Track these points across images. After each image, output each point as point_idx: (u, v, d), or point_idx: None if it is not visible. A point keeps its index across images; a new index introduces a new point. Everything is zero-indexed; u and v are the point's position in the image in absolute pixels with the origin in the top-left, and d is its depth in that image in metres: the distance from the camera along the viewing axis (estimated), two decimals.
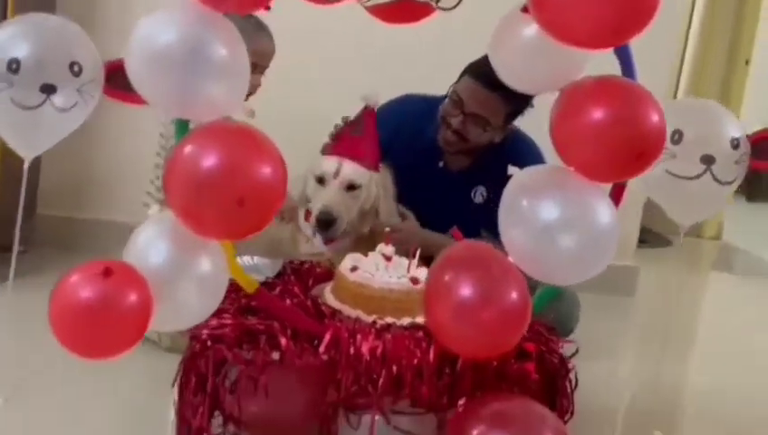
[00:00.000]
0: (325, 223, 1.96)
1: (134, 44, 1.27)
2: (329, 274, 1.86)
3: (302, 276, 1.84)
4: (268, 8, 1.39)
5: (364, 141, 2.04)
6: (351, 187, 2.01)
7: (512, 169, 1.48)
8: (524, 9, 1.38)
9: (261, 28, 2.08)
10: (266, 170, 1.25)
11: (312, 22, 2.31)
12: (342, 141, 2.05)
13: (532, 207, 1.40)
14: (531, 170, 1.49)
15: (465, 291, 1.36)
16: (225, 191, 1.22)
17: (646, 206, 4.62)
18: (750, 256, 4.55)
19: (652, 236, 4.52)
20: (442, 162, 2.33)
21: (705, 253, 4.66)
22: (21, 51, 1.40)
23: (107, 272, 1.23)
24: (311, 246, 2.13)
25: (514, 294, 1.37)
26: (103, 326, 1.23)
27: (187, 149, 1.24)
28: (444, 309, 1.39)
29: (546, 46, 1.40)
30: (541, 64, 1.46)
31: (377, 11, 1.37)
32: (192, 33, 1.24)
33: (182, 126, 1.35)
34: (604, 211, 1.40)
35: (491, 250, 1.44)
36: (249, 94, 2.06)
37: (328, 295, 1.74)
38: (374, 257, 1.76)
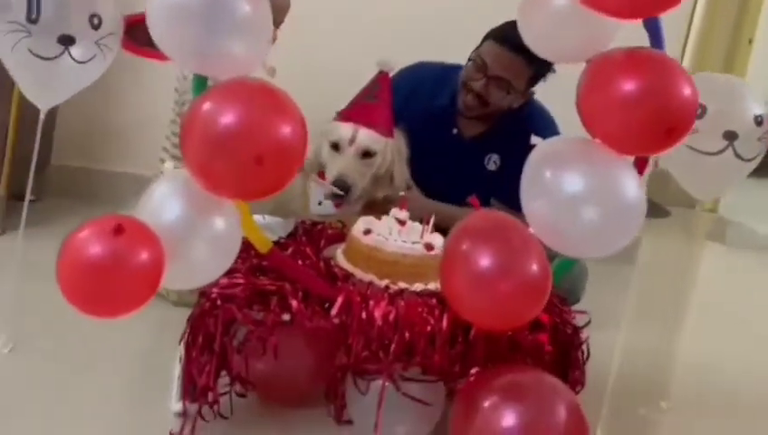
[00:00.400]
0: (340, 188, 1.92)
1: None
2: (340, 235, 1.83)
3: (313, 237, 1.82)
4: None
5: (379, 107, 2.00)
6: (367, 154, 1.98)
7: (535, 139, 1.45)
8: None
9: None
10: (286, 129, 1.21)
11: None
12: (357, 107, 2.01)
13: (556, 178, 1.37)
14: (555, 141, 1.46)
15: (484, 261, 1.33)
16: (243, 148, 1.18)
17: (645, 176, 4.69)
18: (743, 229, 4.55)
19: (652, 206, 4.52)
20: (456, 129, 2.30)
21: (701, 224, 4.65)
22: (40, 1, 1.37)
23: (118, 229, 1.19)
24: (321, 207, 2.09)
25: (534, 266, 1.34)
26: (113, 285, 1.21)
27: (206, 105, 1.20)
28: (461, 279, 1.36)
29: (576, 15, 1.37)
30: (570, 33, 1.43)
31: None
32: None
33: (200, 82, 1.31)
34: (630, 184, 1.37)
35: (511, 220, 1.41)
36: None
37: (340, 257, 1.71)
38: (387, 222, 1.73)
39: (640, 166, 1.52)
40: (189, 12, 1.20)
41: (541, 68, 2.10)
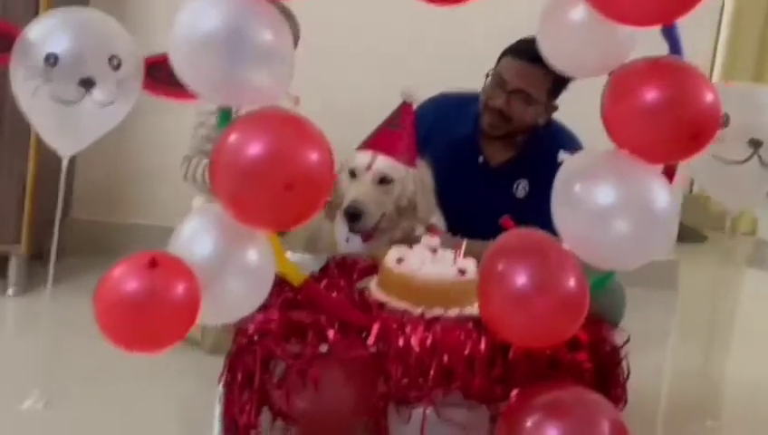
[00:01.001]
0: (352, 216, 1.92)
1: (177, 30, 1.25)
2: (373, 267, 1.83)
3: (346, 270, 1.82)
4: None
5: (401, 137, 2.01)
6: (384, 180, 1.97)
7: (562, 156, 1.46)
8: None
9: (285, 12, 2.03)
10: (314, 156, 1.23)
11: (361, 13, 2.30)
12: (378, 136, 2.02)
13: (586, 191, 1.38)
14: (582, 155, 1.47)
15: (521, 279, 1.34)
16: (273, 176, 1.20)
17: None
18: None
19: (688, 231, 4.49)
20: (482, 157, 2.30)
21: (740, 248, 4.58)
22: (58, 44, 1.38)
23: (153, 263, 1.21)
24: (349, 244, 2.10)
25: (572, 282, 1.35)
26: (150, 319, 1.22)
27: (233, 135, 1.22)
28: (499, 298, 1.37)
29: (594, 29, 1.39)
30: (589, 48, 1.45)
31: None
32: (235, 17, 1.23)
33: (225, 114, 1.33)
34: (661, 192, 1.37)
35: (545, 237, 1.41)
36: None
37: (374, 288, 1.71)
38: (419, 250, 1.73)
39: (669, 175, 1.52)
40: (211, 44, 1.22)
41: (559, 77, 2.10)
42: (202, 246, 1.30)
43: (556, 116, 2.29)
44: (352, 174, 2.00)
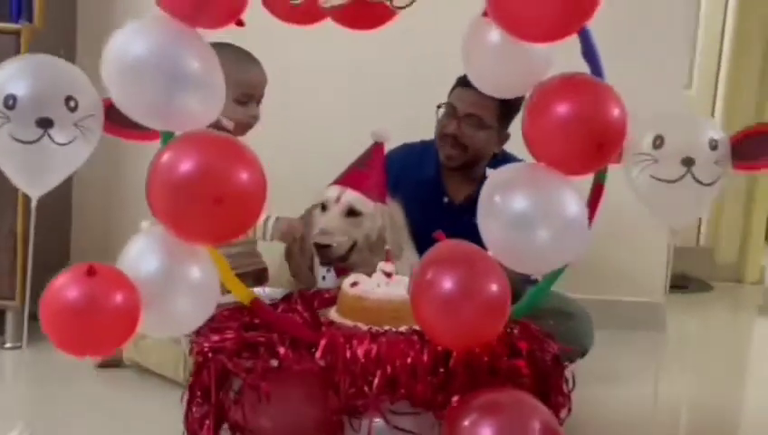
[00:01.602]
0: (321, 244, 2.04)
1: (108, 57, 1.38)
2: (336, 299, 1.93)
3: (307, 299, 1.92)
4: (241, 24, 1.50)
5: (369, 175, 2.15)
6: (352, 212, 2.10)
7: (489, 171, 1.57)
8: (485, 13, 1.50)
9: (250, 59, 2.19)
10: (243, 172, 1.35)
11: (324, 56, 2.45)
12: (348, 174, 2.16)
13: (505, 201, 1.48)
14: (504, 169, 1.58)
15: (448, 285, 1.43)
16: (203, 191, 1.32)
17: (686, 253, 4.68)
18: None
19: (693, 281, 4.53)
20: (446, 197, 2.44)
21: (746, 296, 4.58)
22: (17, 87, 1.46)
23: (90, 271, 1.33)
24: (325, 281, 2.21)
25: (495, 287, 1.44)
26: (90, 324, 1.32)
27: (166, 155, 1.35)
28: (428, 303, 1.46)
29: (509, 49, 1.51)
30: (507, 68, 1.57)
31: (336, 15, 1.48)
32: (163, 45, 1.36)
33: (167, 137, 1.46)
34: (573, 202, 1.47)
35: (471, 247, 1.51)
36: (248, 126, 2.19)
37: (332, 313, 1.81)
38: (376, 276, 1.83)
39: (596, 193, 1.63)
40: (140, 72, 1.35)
41: (507, 102, 2.24)
42: (147, 263, 1.42)
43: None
44: (323, 207, 2.13)
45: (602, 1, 1.39)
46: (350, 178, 2.15)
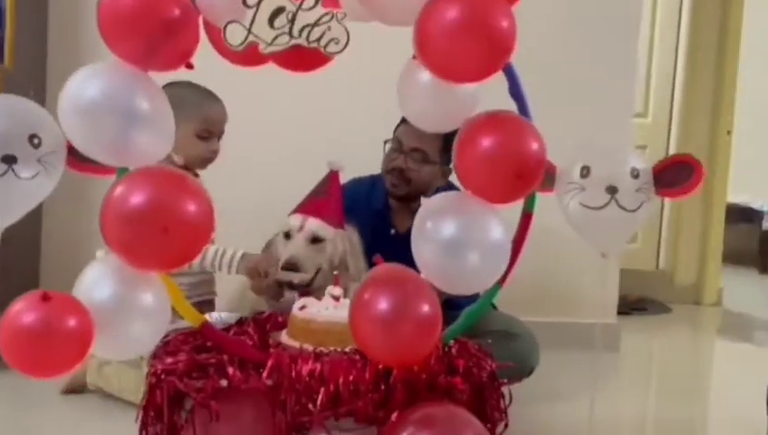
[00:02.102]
0: (290, 270, 2.15)
1: (64, 100, 1.50)
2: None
3: (260, 323, 2.03)
4: (191, 66, 1.61)
5: (329, 202, 2.26)
6: (316, 239, 2.21)
7: (423, 199, 1.69)
8: (414, 56, 1.63)
9: (210, 96, 2.30)
10: (189, 203, 1.46)
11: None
12: (308, 202, 2.27)
13: (436, 227, 1.60)
14: (437, 197, 1.71)
15: (383, 305, 1.54)
16: (151, 220, 1.43)
17: (645, 276, 4.82)
18: (744, 319, 4.61)
19: (652, 304, 4.65)
20: (393, 229, 2.58)
21: (704, 318, 4.71)
22: None
23: (45, 297, 1.43)
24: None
25: (426, 307, 1.55)
26: (44, 347, 1.42)
27: (119, 188, 1.47)
28: (365, 322, 1.57)
29: (440, 89, 1.64)
30: (439, 105, 1.70)
31: (276, 59, 1.60)
32: (117, 89, 1.48)
33: (122, 172, 1.56)
34: (496, 228, 1.60)
35: (406, 270, 1.63)
36: (209, 160, 2.30)
37: (283, 336, 1.92)
38: (325, 300, 1.94)
39: (525, 221, 1.76)
40: (96, 112, 1.47)
41: (449, 136, 2.35)
42: (101, 290, 1.52)
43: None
44: (286, 236, 2.24)
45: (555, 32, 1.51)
46: (310, 206, 2.26)
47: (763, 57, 6.01)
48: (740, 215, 6.16)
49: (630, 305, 4.45)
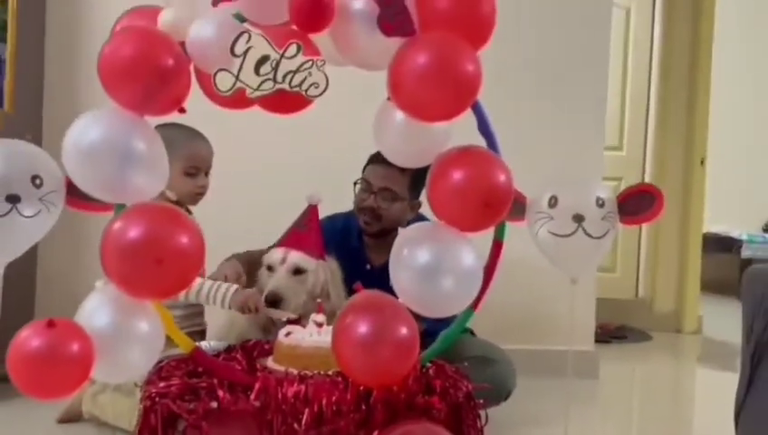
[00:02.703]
0: (272, 302, 2.25)
1: (67, 141, 1.62)
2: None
3: (247, 350, 2.13)
4: (183, 111, 1.74)
5: (309, 235, 2.37)
6: (298, 271, 2.32)
7: (400, 230, 1.81)
8: (389, 97, 1.76)
9: (197, 135, 2.42)
10: (181, 236, 1.58)
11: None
12: (289, 236, 2.38)
13: (411, 255, 1.72)
14: (413, 227, 1.84)
15: (363, 329, 1.66)
16: (145, 253, 1.55)
17: (625, 304, 4.93)
18: (726, 347, 4.70)
19: (632, 332, 4.76)
20: (369, 265, 2.69)
21: (684, 346, 4.79)
22: None
23: (50, 324, 1.55)
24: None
25: (404, 330, 1.67)
26: (49, 370, 1.53)
27: (117, 223, 1.59)
28: (346, 345, 1.68)
29: (413, 127, 1.77)
30: (412, 143, 1.82)
31: (262, 103, 1.73)
32: (115, 130, 1.60)
33: (119, 208, 1.68)
34: (468, 255, 1.72)
35: (385, 296, 1.75)
36: (199, 195, 2.42)
37: (269, 362, 2.02)
38: (309, 327, 2.05)
39: (496, 249, 1.88)
40: (96, 154, 1.59)
41: (416, 174, 2.48)
42: (100, 317, 1.63)
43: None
44: (269, 268, 2.34)
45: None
46: (291, 239, 2.37)
47: (733, 88, 6.21)
48: (719, 244, 6.31)
49: (610, 334, 4.57)
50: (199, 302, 2.29)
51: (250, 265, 2.45)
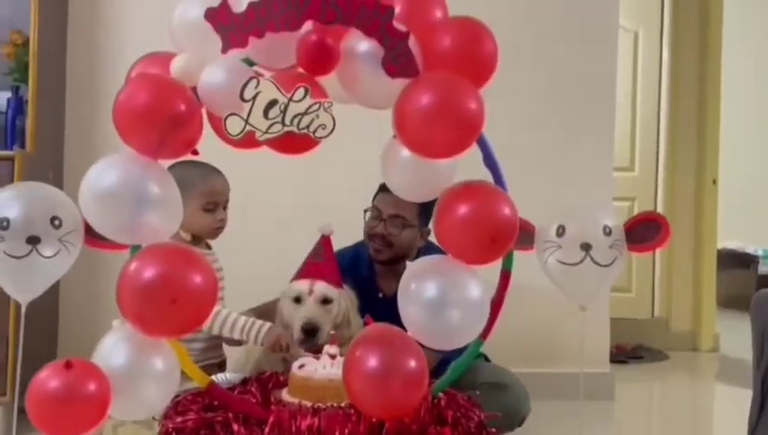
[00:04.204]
0: (310, 332, 2.29)
1: (84, 186, 1.68)
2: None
3: (262, 382, 2.17)
4: (196, 153, 1.80)
5: (326, 265, 2.41)
6: (325, 300, 2.36)
7: (407, 263, 1.85)
8: (395, 135, 1.80)
9: (212, 171, 2.45)
10: (195, 276, 1.64)
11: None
12: (308, 267, 2.41)
13: (419, 288, 1.76)
14: (420, 260, 1.87)
15: (372, 362, 1.70)
16: (160, 293, 1.60)
17: (642, 324, 4.92)
18: (742, 364, 4.67)
19: (649, 352, 4.75)
20: (381, 293, 2.73)
21: (702, 364, 4.78)
22: (10, 211, 1.69)
23: (67, 365, 1.60)
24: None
25: (413, 363, 1.71)
26: (67, 410, 1.58)
27: (133, 264, 1.64)
28: (356, 377, 1.72)
29: (419, 163, 1.81)
30: (418, 178, 1.87)
31: (271, 144, 1.77)
32: (130, 175, 1.66)
33: (135, 249, 1.74)
34: (475, 288, 1.76)
35: (394, 329, 1.79)
36: (218, 229, 2.46)
37: (284, 394, 2.06)
38: (322, 358, 2.09)
39: (504, 279, 1.92)
40: (112, 198, 1.65)
41: (425, 202, 2.51)
42: (117, 356, 1.68)
43: None
44: (297, 300, 2.37)
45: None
46: (310, 270, 2.41)
47: (743, 105, 6.21)
48: (736, 260, 6.28)
49: (627, 354, 4.57)
50: (233, 336, 2.33)
51: (265, 318, 2.47)
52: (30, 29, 2.91)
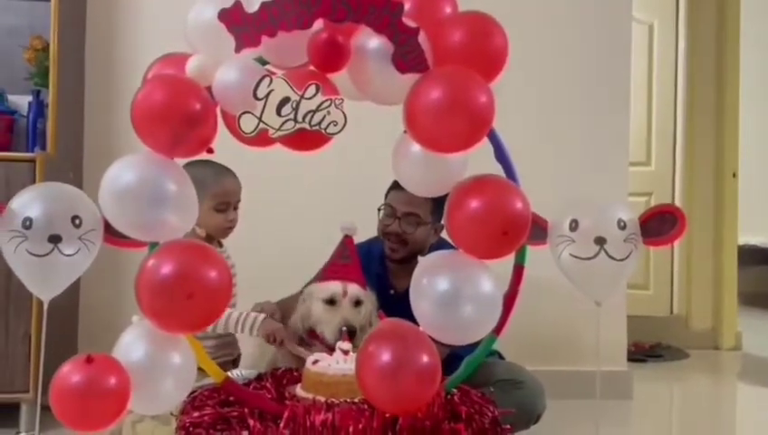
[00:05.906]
0: (351, 333, 2.28)
1: (103, 184, 1.72)
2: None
3: (277, 378, 2.19)
4: (211, 151, 1.83)
5: (353, 266, 2.42)
6: (358, 302, 2.38)
7: (419, 259, 1.86)
8: (405, 131, 1.82)
9: (225, 171, 2.49)
10: (210, 273, 1.66)
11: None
12: (336, 267, 2.42)
13: (431, 283, 1.77)
14: (432, 255, 1.88)
15: (385, 357, 1.71)
16: (177, 289, 1.63)
17: (661, 322, 4.87)
18: (766, 363, 4.63)
19: (668, 350, 4.70)
20: (392, 290, 2.73)
21: (723, 363, 4.72)
22: (33, 211, 1.74)
23: (89, 359, 1.64)
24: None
25: (425, 357, 1.72)
26: (88, 403, 1.62)
27: (151, 261, 1.67)
28: (369, 372, 1.73)
29: (430, 158, 1.82)
30: (430, 173, 1.88)
31: (284, 141, 1.80)
32: (147, 173, 1.70)
33: (153, 246, 1.76)
34: (486, 282, 1.77)
35: (407, 324, 1.80)
36: (229, 229, 2.49)
37: (298, 390, 2.08)
38: (336, 354, 2.11)
39: (517, 273, 1.92)
40: (130, 195, 1.68)
41: (438, 196, 2.52)
42: (136, 351, 1.71)
43: None
44: (331, 302, 2.37)
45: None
46: (337, 271, 2.41)
47: (762, 95, 6.14)
48: (758, 256, 6.21)
49: (645, 352, 4.52)
50: (227, 330, 2.36)
51: (283, 312, 2.49)
52: (50, 34, 2.95)
